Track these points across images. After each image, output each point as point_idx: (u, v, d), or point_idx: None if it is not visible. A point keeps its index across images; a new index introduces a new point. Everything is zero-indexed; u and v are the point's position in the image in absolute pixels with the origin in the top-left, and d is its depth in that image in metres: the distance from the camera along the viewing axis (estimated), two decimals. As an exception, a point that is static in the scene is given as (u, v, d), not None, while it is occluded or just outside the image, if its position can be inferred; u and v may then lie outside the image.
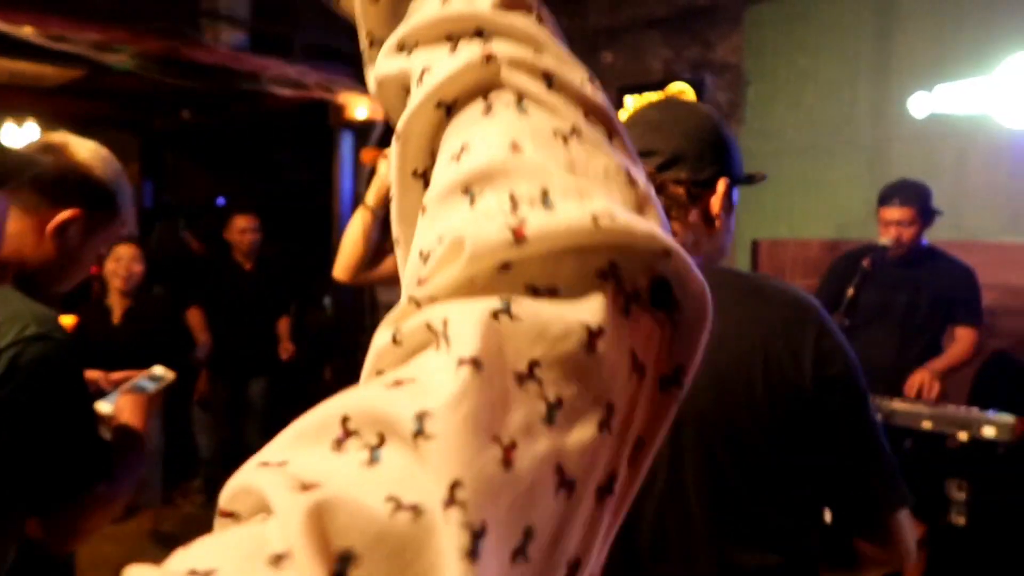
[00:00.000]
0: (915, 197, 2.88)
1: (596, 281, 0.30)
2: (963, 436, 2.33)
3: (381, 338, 0.31)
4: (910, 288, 2.90)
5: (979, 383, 3.18)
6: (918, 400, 2.66)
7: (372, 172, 4.85)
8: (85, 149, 1.21)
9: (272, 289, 4.33)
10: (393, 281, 2.20)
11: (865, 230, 4.34)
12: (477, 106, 0.36)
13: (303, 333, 5.74)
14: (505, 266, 0.30)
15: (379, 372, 0.31)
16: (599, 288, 0.30)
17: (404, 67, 0.40)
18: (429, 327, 0.29)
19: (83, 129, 5.47)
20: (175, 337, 3.80)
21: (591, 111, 0.37)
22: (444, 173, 0.35)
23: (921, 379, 2.69)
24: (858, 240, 4.18)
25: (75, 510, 1.12)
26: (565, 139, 0.34)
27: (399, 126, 0.38)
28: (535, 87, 0.36)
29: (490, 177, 0.33)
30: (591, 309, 0.30)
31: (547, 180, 0.32)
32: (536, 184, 0.32)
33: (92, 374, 1.46)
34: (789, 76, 5.15)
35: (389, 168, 1.63)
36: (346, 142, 4.64)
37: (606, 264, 0.31)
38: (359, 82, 4.65)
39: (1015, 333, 3.25)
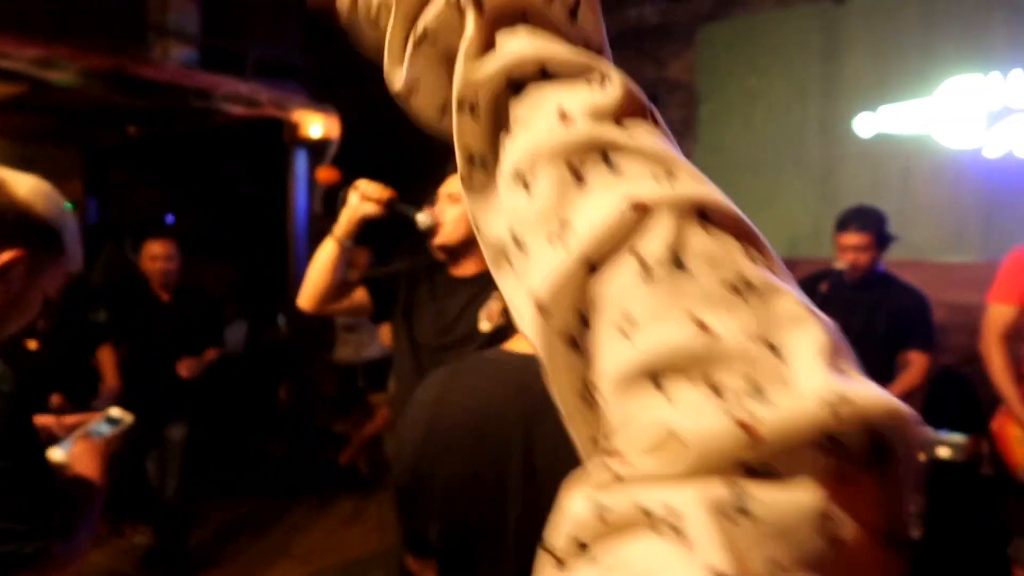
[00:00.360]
0: (871, 223, 2.96)
1: (820, 458, 0.28)
2: (920, 457, 2.41)
3: (578, 506, 0.29)
4: (866, 311, 2.97)
5: (928, 398, 3.28)
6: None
7: (327, 191, 4.78)
8: (24, 185, 1.13)
9: (192, 324, 3.86)
10: (357, 312, 2.18)
11: (815, 246, 4.44)
12: (630, 265, 0.32)
13: (257, 352, 5.63)
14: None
15: (583, 545, 0.29)
16: (825, 465, 0.28)
17: (532, 206, 0.35)
18: (646, 512, 0.27)
19: (25, 144, 5.27)
20: (66, 387, 3.44)
21: (741, 234, 0.34)
22: (615, 353, 0.32)
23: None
24: (809, 256, 4.28)
25: (29, 574, 1.06)
26: (737, 291, 0.32)
27: (542, 293, 0.34)
28: (692, 232, 0.33)
29: (681, 366, 0.30)
30: (820, 491, 0.28)
31: (748, 364, 0.30)
32: (738, 371, 0.29)
33: (43, 419, 1.39)
34: (740, 95, 5.26)
35: (349, 205, 1.57)
36: (300, 160, 4.57)
37: (829, 439, 0.28)
38: (313, 99, 4.59)
39: (961, 349, 3.35)
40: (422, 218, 1.95)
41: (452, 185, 2.00)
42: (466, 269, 2.02)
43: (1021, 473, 2.55)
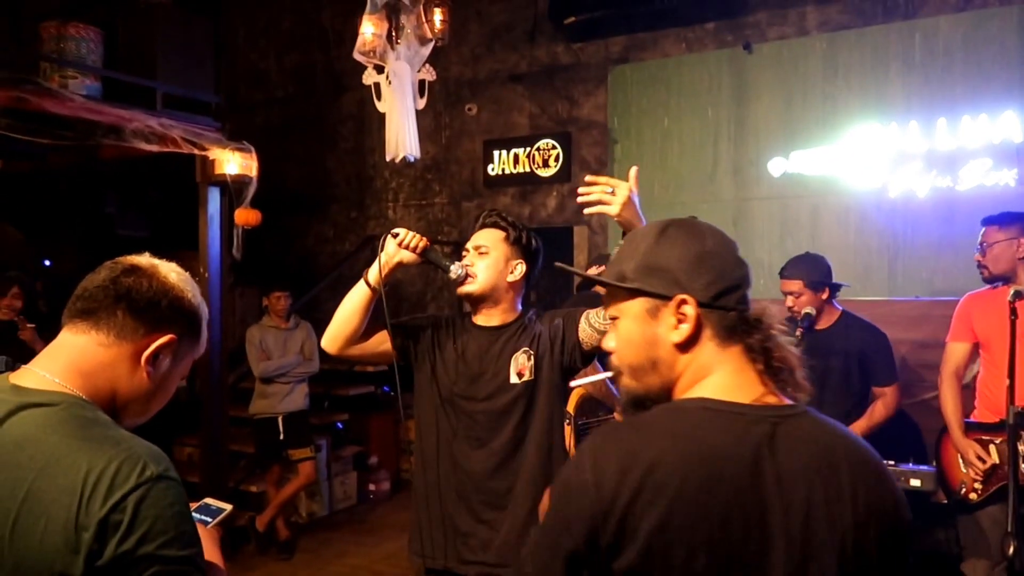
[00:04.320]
0: (801, 270, 3.01)
1: None
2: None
3: None
4: (834, 351, 3.01)
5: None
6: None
7: (244, 232, 4.42)
8: (173, 271, 1.18)
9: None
10: (380, 358, 2.05)
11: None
12: None
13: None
14: None
15: None
16: None
17: None
18: None
19: None
20: None
21: None
22: None
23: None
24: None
25: None
26: None
27: None
28: None
29: None
30: None
31: None
32: None
33: None
34: (654, 136, 5.41)
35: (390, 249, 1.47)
36: (214, 199, 4.22)
37: None
38: (228, 136, 4.29)
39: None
40: (454, 268, 2.00)
41: (479, 238, 2.06)
42: (491, 319, 2.07)
43: (959, 490, 2.78)
